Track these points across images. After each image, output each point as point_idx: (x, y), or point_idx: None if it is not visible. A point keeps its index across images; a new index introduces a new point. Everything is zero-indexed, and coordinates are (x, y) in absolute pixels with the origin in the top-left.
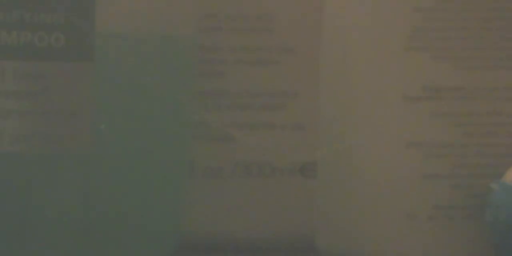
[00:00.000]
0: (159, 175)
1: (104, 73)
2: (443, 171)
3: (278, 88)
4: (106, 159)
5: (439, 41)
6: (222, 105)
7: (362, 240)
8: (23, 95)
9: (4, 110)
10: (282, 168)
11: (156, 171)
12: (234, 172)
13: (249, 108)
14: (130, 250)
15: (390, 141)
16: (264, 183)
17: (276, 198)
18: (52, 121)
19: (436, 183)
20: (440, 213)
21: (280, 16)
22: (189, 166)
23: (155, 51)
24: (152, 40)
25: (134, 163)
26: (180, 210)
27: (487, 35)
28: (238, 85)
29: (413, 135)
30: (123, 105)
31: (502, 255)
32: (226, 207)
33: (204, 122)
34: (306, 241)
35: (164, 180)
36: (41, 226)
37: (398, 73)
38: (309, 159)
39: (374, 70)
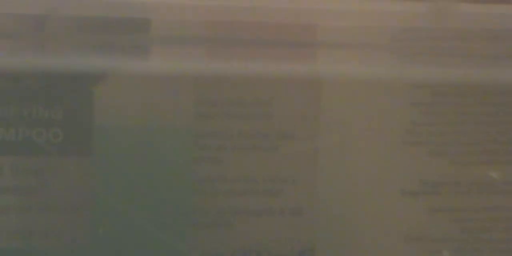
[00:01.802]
0: None
1: (102, 168)
2: None
3: (275, 174)
4: (105, 253)
5: (436, 136)
6: (219, 191)
7: None
8: (21, 190)
9: (2, 206)
10: (280, 255)
11: None
12: None
13: (246, 194)
14: None
15: (388, 236)
16: None
17: None
18: (50, 217)
19: None
20: None
21: (277, 102)
22: (187, 253)
23: (153, 142)
24: (149, 131)
25: (133, 252)
26: None
27: (483, 130)
28: (236, 171)
29: (411, 230)
30: (122, 199)
31: None
32: None
33: (201, 209)
34: None
35: None
36: None
37: (396, 168)
38: (307, 245)
39: (372, 164)
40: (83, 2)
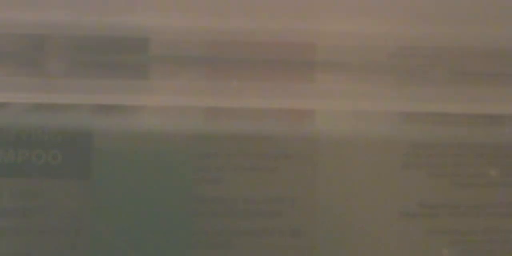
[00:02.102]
0: None
1: (101, 190)
2: None
3: (275, 195)
4: None
5: (435, 158)
6: (219, 212)
7: None
8: (20, 213)
9: (1, 228)
10: None
11: None
12: None
13: (246, 214)
14: None
15: None
16: None
17: None
18: (48, 240)
19: None
20: None
21: (275, 122)
22: None
23: (152, 163)
24: (148, 153)
25: None
26: None
27: (483, 152)
28: (235, 191)
29: (410, 253)
30: (121, 222)
31: None
32: None
33: (201, 230)
34: None
35: None
36: None
37: (395, 190)
38: None
39: (371, 186)
40: (82, 21)
